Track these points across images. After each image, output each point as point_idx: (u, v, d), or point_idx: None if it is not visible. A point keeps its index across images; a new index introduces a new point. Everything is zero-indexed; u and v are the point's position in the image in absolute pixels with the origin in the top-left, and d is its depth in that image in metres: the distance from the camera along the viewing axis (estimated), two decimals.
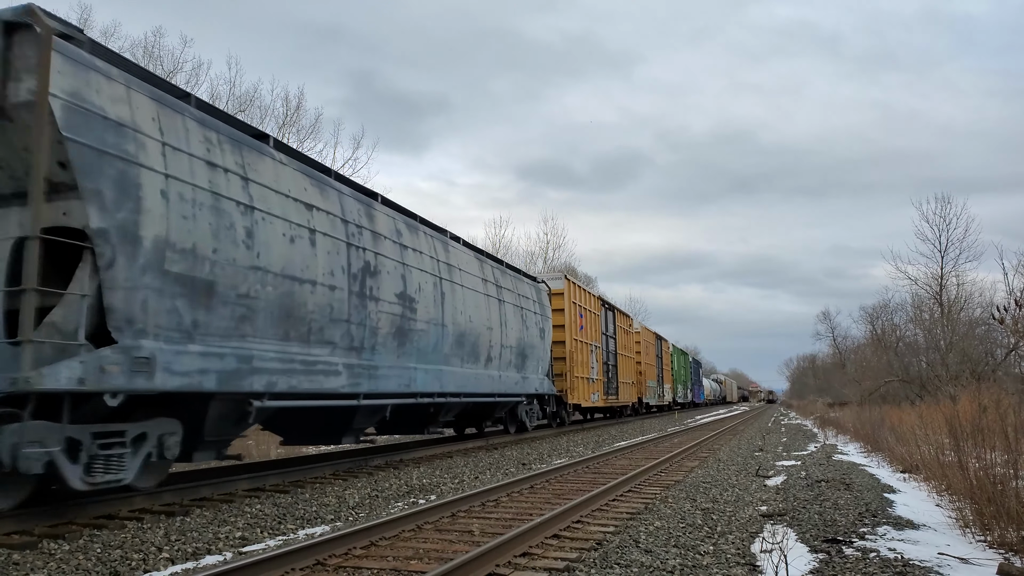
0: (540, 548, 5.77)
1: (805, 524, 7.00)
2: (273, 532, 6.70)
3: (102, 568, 5.26)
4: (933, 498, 8.84)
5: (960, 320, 30.33)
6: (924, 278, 35.17)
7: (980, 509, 6.56)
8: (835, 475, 10.89)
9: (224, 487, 8.60)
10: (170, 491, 7.97)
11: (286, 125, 26.22)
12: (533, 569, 5.14)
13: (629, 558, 5.47)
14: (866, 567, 5.26)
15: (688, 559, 5.52)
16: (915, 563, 5.38)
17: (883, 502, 8.33)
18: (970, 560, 5.53)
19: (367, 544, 5.82)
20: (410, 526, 6.52)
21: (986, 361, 24.86)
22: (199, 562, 5.60)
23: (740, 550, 5.88)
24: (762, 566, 5.31)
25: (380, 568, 5.18)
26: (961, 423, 8.45)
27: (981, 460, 7.28)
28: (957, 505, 7.36)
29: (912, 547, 5.98)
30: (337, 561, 5.33)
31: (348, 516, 7.57)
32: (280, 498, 8.32)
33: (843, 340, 62.95)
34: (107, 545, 5.84)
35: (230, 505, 7.78)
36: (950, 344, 26.72)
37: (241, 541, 6.29)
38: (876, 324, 44.93)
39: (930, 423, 11.52)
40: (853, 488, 9.45)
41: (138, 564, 5.42)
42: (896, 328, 39.67)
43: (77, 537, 6.05)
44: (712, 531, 6.66)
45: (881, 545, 6.02)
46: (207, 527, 6.66)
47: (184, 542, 6.08)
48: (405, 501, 8.56)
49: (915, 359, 31.44)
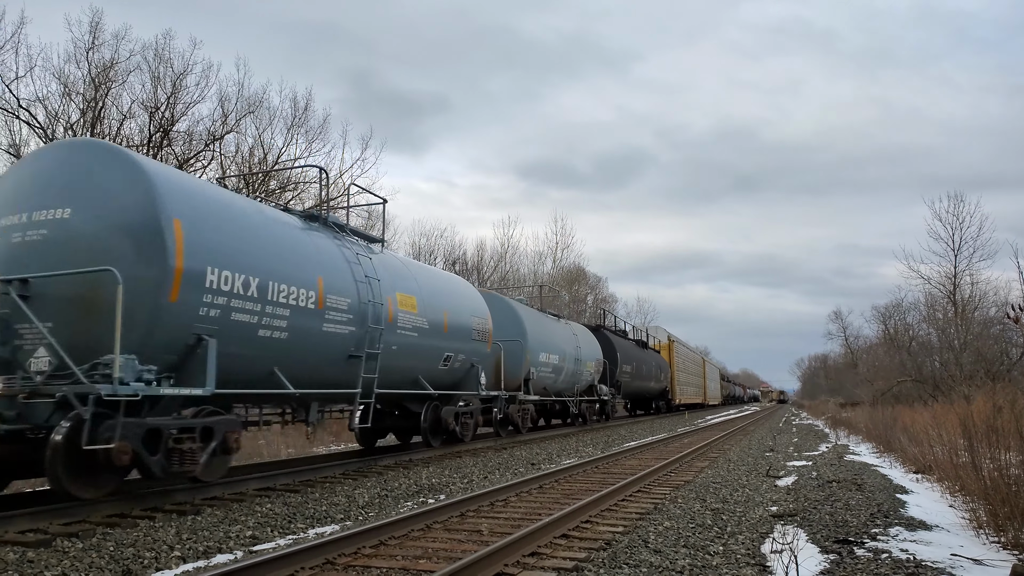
0: (549, 548, 5.76)
1: (816, 525, 6.96)
2: (283, 531, 6.73)
3: (115, 566, 5.30)
4: (946, 499, 8.77)
5: (974, 319, 30.06)
6: (937, 277, 34.95)
7: (994, 510, 6.50)
8: (847, 475, 10.82)
9: (235, 486, 8.64)
10: (182, 490, 8.02)
11: (294, 127, 26.30)
12: (542, 568, 5.14)
13: (638, 558, 5.46)
14: (878, 568, 5.22)
15: (698, 559, 5.50)
16: (927, 564, 5.34)
17: (895, 503, 8.27)
18: (983, 561, 5.48)
19: (376, 543, 5.84)
20: (419, 525, 6.53)
21: (1001, 361, 24.60)
22: (210, 560, 5.63)
23: (750, 551, 5.85)
24: (772, 567, 5.28)
25: (389, 567, 5.20)
26: (975, 423, 8.37)
27: (995, 461, 7.21)
28: (970, 506, 7.30)
29: (925, 548, 5.93)
30: (347, 560, 5.35)
31: (358, 515, 7.59)
32: (290, 497, 8.35)
33: (855, 340, 62.62)
34: (120, 543, 5.88)
35: (241, 504, 7.82)
36: (964, 344, 26.48)
37: (252, 540, 6.32)
38: (888, 324, 44.70)
39: (943, 423, 11.43)
40: (865, 488, 9.38)
41: (150, 562, 5.46)
42: (909, 328, 39.42)
43: (90, 535, 6.10)
44: (722, 531, 6.63)
45: (893, 546, 5.98)
46: (218, 526, 6.70)
47: (195, 541, 6.12)
48: (414, 500, 8.57)
49: (928, 359, 31.16)
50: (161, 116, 21.22)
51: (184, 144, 21.82)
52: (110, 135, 20.50)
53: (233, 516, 7.15)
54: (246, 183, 24.53)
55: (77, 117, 20.45)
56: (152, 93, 21.55)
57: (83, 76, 20.87)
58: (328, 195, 17.28)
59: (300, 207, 26.16)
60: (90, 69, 20.84)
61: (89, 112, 20.70)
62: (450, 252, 40.42)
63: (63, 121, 20.18)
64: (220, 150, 23.79)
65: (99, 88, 20.84)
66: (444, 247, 40.38)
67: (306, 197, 26.89)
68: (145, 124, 21.95)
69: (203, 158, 23.06)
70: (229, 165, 24.45)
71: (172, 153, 21.96)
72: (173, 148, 21.08)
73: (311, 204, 26.76)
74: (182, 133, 22.41)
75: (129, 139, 21.02)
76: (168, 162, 20.78)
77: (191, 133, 22.69)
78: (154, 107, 21.62)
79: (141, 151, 19.48)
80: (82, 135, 19.63)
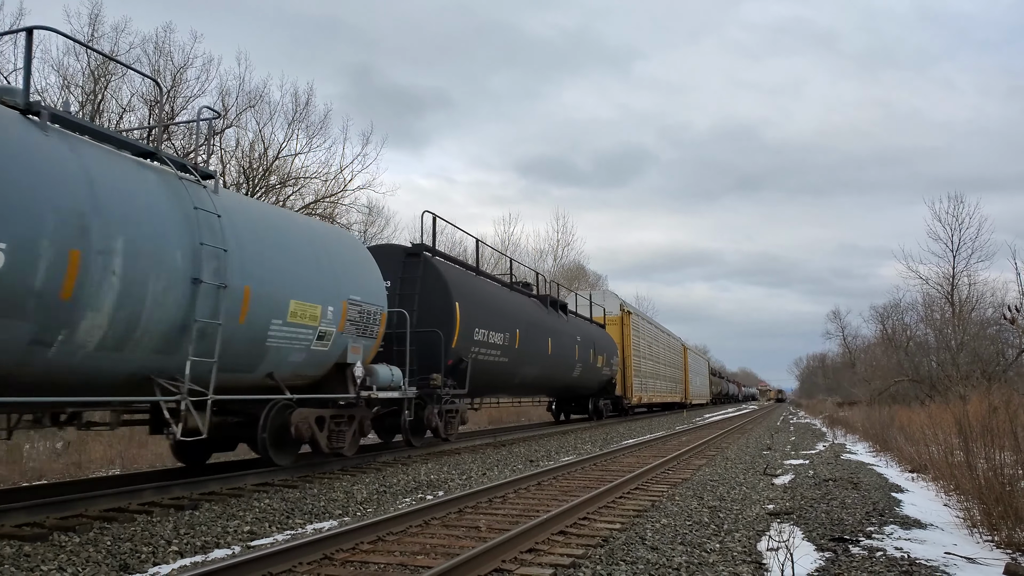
0: (547, 544, 5.78)
1: (812, 523, 6.98)
2: (281, 527, 6.75)
3: (112, 560, 5.32)
4: (941, 498, 8.80)
5: (971, 320, 30.10)
6: (936, 278, 34.97)
7: (988, 509, 6.53)
8: (843, 474, 10.85)
9: (233, 482, 8.66)
10: (179, 485, 8.04)
11: (295, 122, 26.26)
12: (539, 565, 5.16)
13: (635, 555, 5.48)
14: (872, 566, 5.25)
15: (694, 557, 5.52)
16: (921, 562, 5.37)
17: (891, 501, 8.30)
18: (977, 560, 5.51)
19: (374, 539, 5.85)
20: (417, 522, 6.55)
21: (997, 361, 24.68)
22: (208, 555, 5.65)
23: (747, 548, 5.87)
24: (768, 564, 5.30)
25: (387, 563, 5.21)
26: (971, 423, 8.40)
27: (990, 460, 7.24)
28: (965, 505, 7.33)
29: (919, 546, 5.96)
30: (344, 556, 5.36)
31: (356, 511, 7.61)
32: (288, 493, 8.37)
33: (853, 339, 62.73)
34: (117, 538, 5.90)
35: (239, 499, 7.83)
36: (961, 344, 26.53)
37: (249, 535, 6.34)
38: (887, 323, 44.73)
39: (939, 423, 11.46)
40: (861, 487, 9.42)
41: (147, 557, 5.47)
42: (907, 328, 39.44)
43: (87, 529, 6.12)
44: (719, 529, 6.66)
45: (888, 544, 6.00)
46: (216, 521, 6.72)
47: (193, 535, 6.13)
48: (413, 497, 8.60)
49: (925, 359, 31.22)
50: (161, 109, 21.19)
51: (184, 138, 21.78)
52: (110, 128, 20.42)
53: (231, 511, 7.17)
54: (246, 178, 24.50)
55: (76, 110, 20.43)
56: (152, 86, 21.53)
57: (82, 69, 20.85)
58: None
59: (300, 203, 26.20)
60: (89, 62, 20.82)
61: (88, 105, 20.67)
62: (451, 248, 40.46)
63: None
64: (220, 144, 23.78)
65: (98, 81, 20.82)
66: (444, 243, 40.36)
67: (306, 193, 26.85)
68: (145, 117, 21.93)
69: (202, 152, 23.01)
70: (229, 160, 24.43)
71: (172, 147, 21.93)
72: (172, 142, 21.05)
73: (311, 200, 26.79)
74: (181, 128, 22.37)
75: (128, 134, 20.96)
76: None
77: (191, 128, 22.64)
78: (154, 100, 21.60)
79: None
80: None
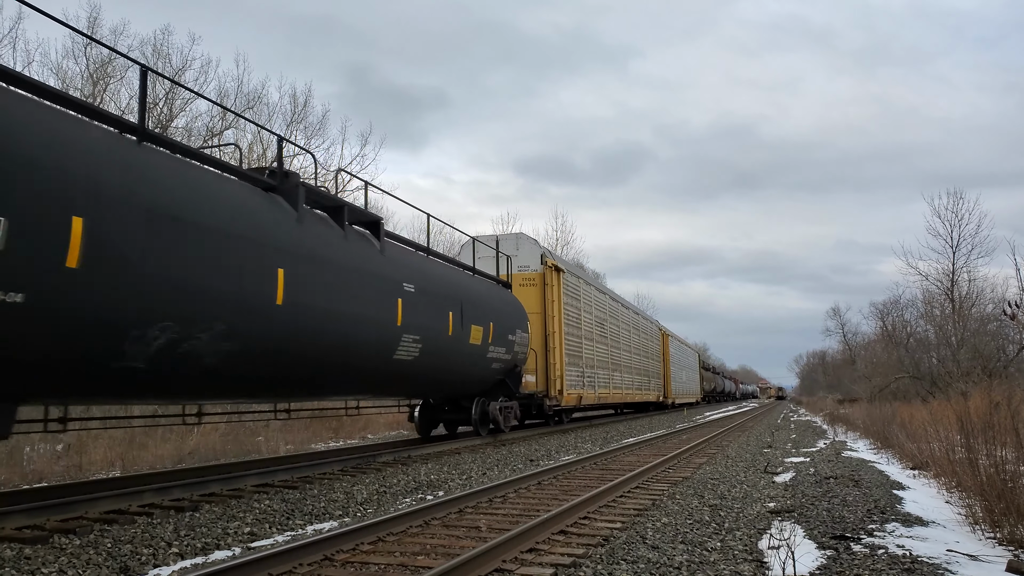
0: (547, 544, 5.77)
1: (813, 521, 6.97)
2: (281, 528, 6.74)
3: (112, 563, 5.31)
4: (943, 495, 8.79)
5: (972, 316, 30.10)
6: (935, 274, 34.89)
7: (990, 506, 6.52)
8: (844, 472, 10.84)
9: (233, 483, 8.65)
10: (179, 486, 8.03)
11: (293, 123, 26.24)
12: (540, 565, 5.14)
13: (636, 554, 5.47)
14: (874, 564, 5.24)
15: (695, 555, 5.51)
16: (924, 560, 5.36)
17: (892, 499, 8.29)
18: (979, 557, 5.50)
19: (374, 540, 5.84)
20: (417, 522, 6.54)
21: (998, 357, 24.68)
22: (208, 557, 5.63)
23: (748, 546, 5.86)
24: (769, 562, 5.29)
25: (387, 564, 5.20)
26: (972, 420, 8.40)
27: (992, 457, 7.23)
28: (967, 502, 7.32)
29: (921, 544, 5.95)
30: (345, 557, 5.35)
31: (356, 512, 7.60)
32: (288, 494, 8.36)
33: (853, 336, 62.76)
34: (117, 540, 5.89)
35: (239, 501, 7.82)
36: (961, 340, 26.53)
37: (250, 536, 6.33)
38: (886, 320, 44.75)
39: (941, 420, 11.45)
40: (862, 485, 9.41)
41: (148, 559, 5.46)
42: (907, 324, 39.48)
43: (88, 532, 6.11)
44: (720, 527, 6.64)
45: (890, 542, 5.99)
46: (216, 522, 6.71)
47: (193, 537, 6.12)
48: (413, 497, 8.59)
49: (926, 355, 31.23)
50: (159, 112, 21.18)
51: (182, 140, 21.76)
52: None
53: (231, 513, 7.16)
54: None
55: None
56: (151, 88, 21.50)
57: (81, 72, 20.83)
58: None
59: None
60: (88, 64, 20.80)
61: None
62: (450, 247, 40.45)
63: None
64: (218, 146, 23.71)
65: (97, 83, 20.80)
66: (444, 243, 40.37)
67: None
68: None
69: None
70: (227, 162, 24.39)
71: None
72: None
73: None
74: (180, 129, 22.39)
75: None
76: None
77: (189, 129, 22.67)
78: (152, 103, 21.57)
79: None
80: None
